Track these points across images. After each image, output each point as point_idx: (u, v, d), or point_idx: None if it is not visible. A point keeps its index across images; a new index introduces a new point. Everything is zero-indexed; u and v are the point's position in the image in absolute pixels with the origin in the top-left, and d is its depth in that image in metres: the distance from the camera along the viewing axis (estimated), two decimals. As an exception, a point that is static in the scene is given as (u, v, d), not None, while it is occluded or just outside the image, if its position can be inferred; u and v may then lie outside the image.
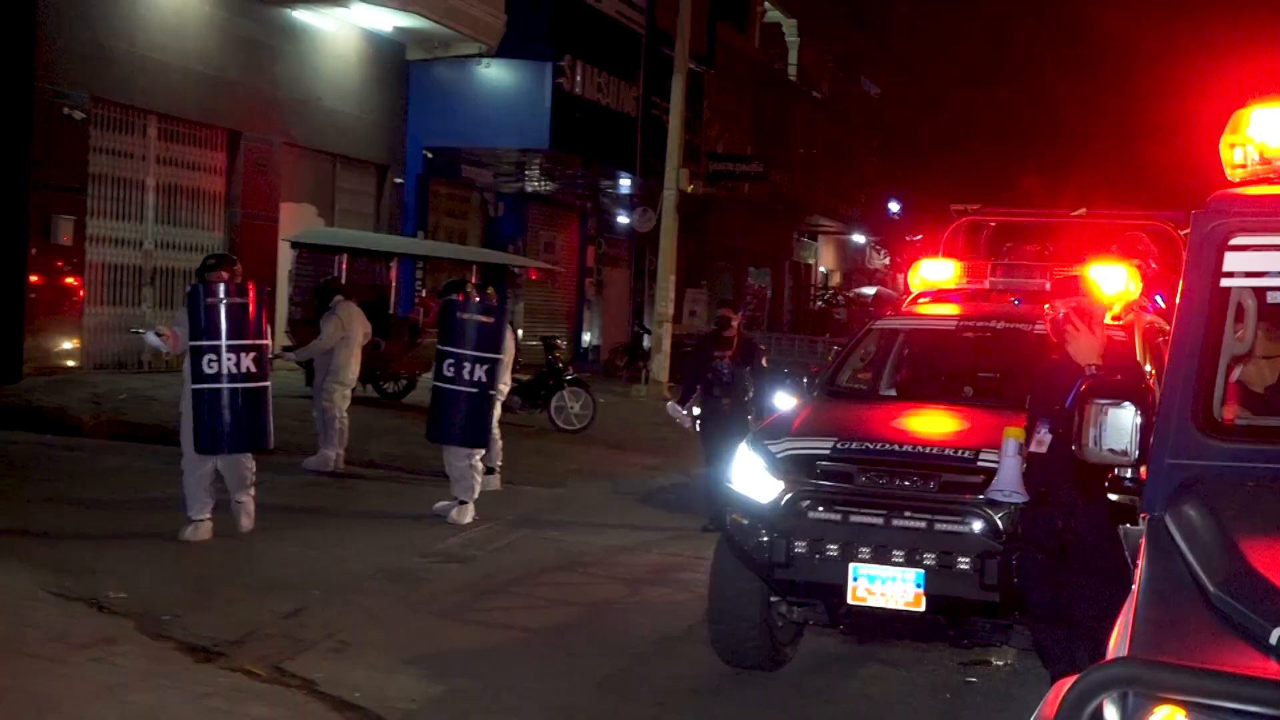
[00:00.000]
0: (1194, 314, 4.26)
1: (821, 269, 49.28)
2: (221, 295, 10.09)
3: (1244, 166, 4.66)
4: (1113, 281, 8.55)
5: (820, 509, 7.23)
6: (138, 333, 11.50)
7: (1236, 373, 4.80)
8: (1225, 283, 4.34)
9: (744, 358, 12.09)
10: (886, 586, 7.04)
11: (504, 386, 12.86)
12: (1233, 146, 4.68)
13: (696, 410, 12.35)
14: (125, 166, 19.04)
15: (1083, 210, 13.05)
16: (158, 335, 10.76)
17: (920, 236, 29.80)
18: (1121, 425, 4.43)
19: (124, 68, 18.38)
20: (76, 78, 17.59)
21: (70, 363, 17.79)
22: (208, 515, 10.14)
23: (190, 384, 10.13)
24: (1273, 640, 3.10)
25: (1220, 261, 4.31)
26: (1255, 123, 4.63)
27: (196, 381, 10.00)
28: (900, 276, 30.48)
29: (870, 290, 41.79)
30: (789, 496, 7.29)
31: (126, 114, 18.88)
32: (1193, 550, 3.60)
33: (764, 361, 12.17)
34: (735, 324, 12.48)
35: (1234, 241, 4.33)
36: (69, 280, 17.81)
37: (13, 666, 6.89)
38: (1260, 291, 4.75)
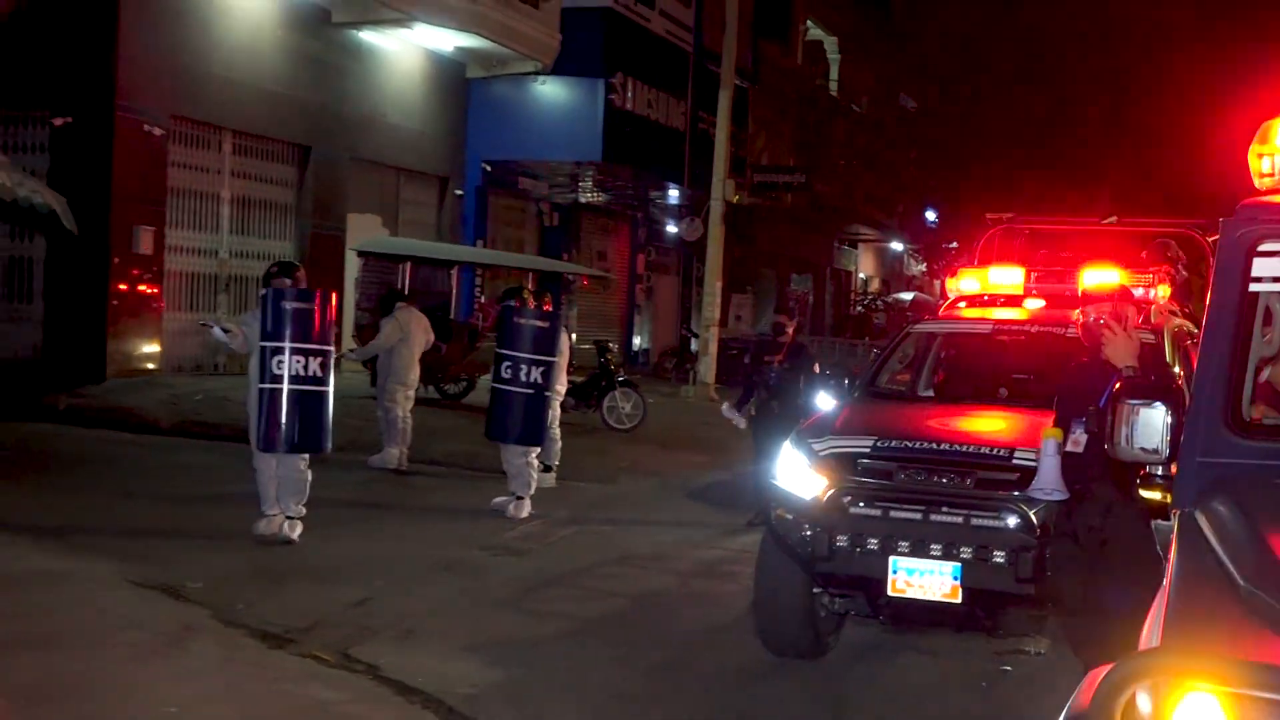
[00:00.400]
0: (1223, 317, 4.22)
1: (861, 275, 49.14)
2: (293, 300, 10.11)
3: (1271, 175, 4.62)
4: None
5: (861, 504, 7.21)
6: (206, 324, 11.54)
7: (1265, 374, 4.76)
8: (1254, 287, 4.29)
9: (792, 362, 12.05)
10: (925, 579, 7.01)
11: (560, 388, 12.87)
12: (1260, 156, 4.64)
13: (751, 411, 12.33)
14: (201, 180, 19.20)
15: (1114, 218, 12.97)
16: (225, 331, 10.84)
17: (956, 244, 29.66)
18: (1153, 425, 4.42)
19: (200, 87, 18.53)
20: (156, 97, 17.75)
21: (150, 365, 17.94)
22: (278, 512, 10.15)
23: (255, 383, 10.13)
24: (1301, 632, 3.07)
25: (1249, 267, 4.26)
26: None
27: (262, 381, 9.98)
28: (937, 283, 30.37)
29: (908, 296, 41.57)
30: (831, 493, 7.27)
31: (203, 131, 19.04)
32: (1223, 545, 3.56)
33: (815, 367, 12.09)
34: (790, 330, 12.47)
35: (1262, 247, 4.29)
36: (149, 288, 17.96)
37: (96, 652, 6.96)
38: (1288, 297, 4.71)
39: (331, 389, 10.26)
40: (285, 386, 9.91)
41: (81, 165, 16.93)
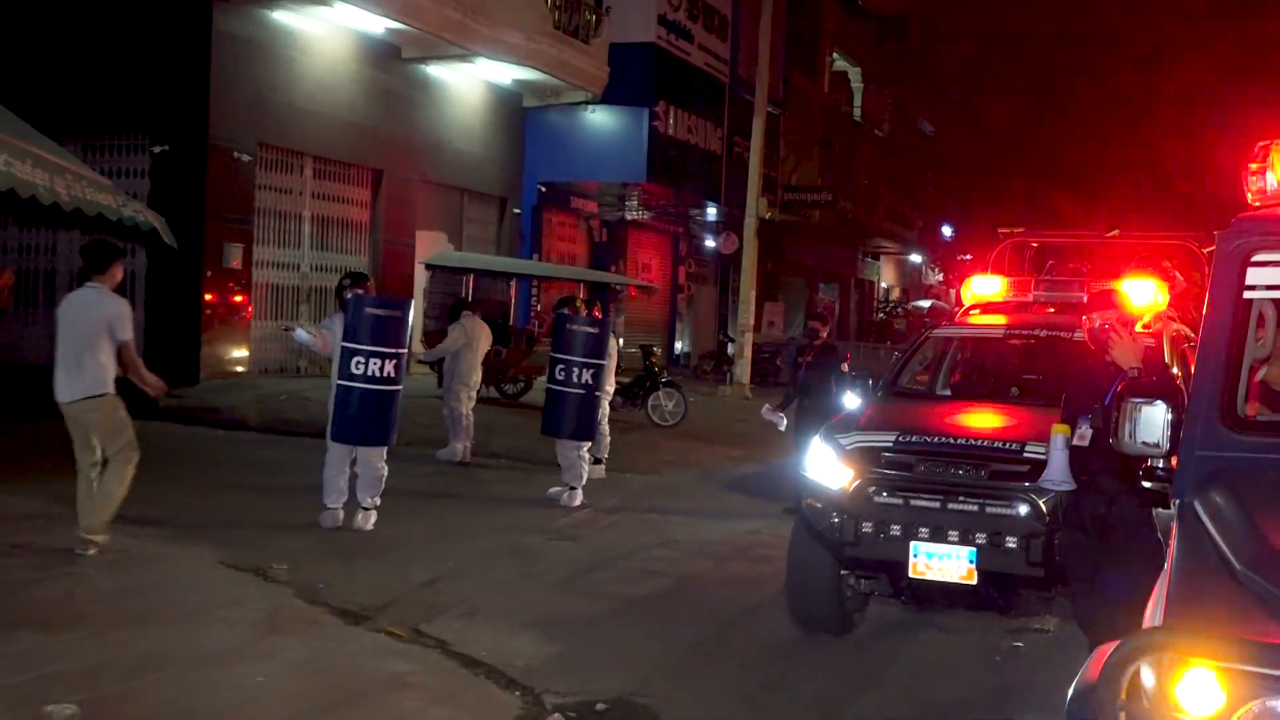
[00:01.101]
0: (1220, 322, 4.19)
1: (883, 285, 48.97)
2: (374, 307, 10.13)
3: (1264, 192, 4.59)
4: (1143, 294, 8.43)
5: (885, 494, 7.19)
6: (288, 328, 11.61)
7: (1260, 373, 4.72)
8: (1248, 294, 4.27)
9: (822, 361, 12.02)
10: (943, 562, 7.00)
11: (608, 388, 12.88)
12: (1253, 174, 4.61)
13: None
14: (285, 201, 19.33)
15: (1116, 231, 12.87)
16: (308, 334, 10.85)
17: (970, 256, 29.49)
18: (1154, 421, 4.40)
19: (284, 117, 18.66)
20: (244, 126, 17.89)
21: (239, 368, 18.08)
22: (340, 504, 10.12)
23: (336, 380, 10.09)
24: (1295, 613, 3.04)
25: (1243, 276, 4.24)
26: (1276, 157, 4.57)
27: (341, 378, 9.98)
28: (953, 291, 30.23)
29: (926, 303, 41.40)
30: (857, 484, 7.25)
31: (286, 156, 19.18)
32: (1220, 532, 3.54)
33: (844, 367, 12.06)
34: (824, 333, 12.46)
35: (1255, 258, 4.26)
36: (238, 298, 18.11)
37: (192, 627, 7.02)
38: (1279, 302, 4.68)
39: (401, 389, 10.26)
40: (360, 385, 9.91)
41: (178, 188, 17.07)
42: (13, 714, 5.43)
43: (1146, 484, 5.76)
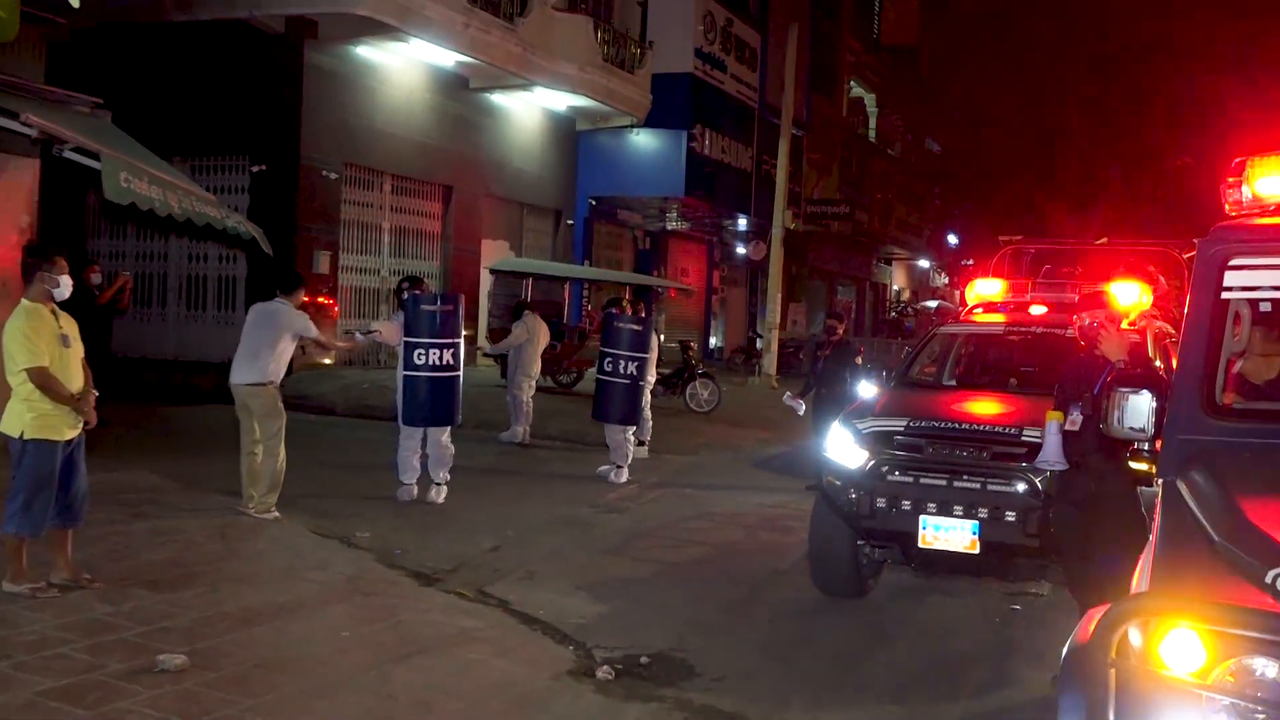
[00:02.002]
0: (1200, 320, 4.15)
1: (894, 287, 48.72)
2: (429, 304, 10.18)
3: (1240, 204, 4.54)
4: (1129, 295, 8.35)
5: (897, 473, 7.16)
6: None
7: (1237, 366, 4.66)
8: (1225, 295, 4.23)
9: (839, 355, 11.98)
10: (949, 534, 6.97)
11: (651, 378, 12.88)
12: (1231, 188, 4.56)
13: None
14: (367, 214, 19.41)
15: (1105, 239, 12.75)
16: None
17: (973, 261, 29.31)
18: (1140, 408, 4.37)
19: (366, 140, 18.75)
20: (331, 148, 17.98)
21: (327, 361, 18.12)
22: (414, 480, 10.17)
23: (402, 371, 10.16)
24: (1268, 579, 3.02)
25: (1221, 279, 4.20)
26: (1251, 171, 4.52)
27: (406, 370, 10.03)
28: (957, 292, 30.02)
29: (933, 304, 41.14)
30: (872, 463, 7.22)
31: (368, 175, 19.27)
32: (1200, 507, 3.51)
33: (858, 360, 12.01)
34: (840, 330, 12.41)
35: (1232, 263, 4.22)
36: (326, 299, 18.18)
37: (289, 586, 7.08)
38: (1254, 302, 4.65)
39: (461, 374, 10.26)
40: (424, 374, 9.97)
41: (274, 202, 17.18)
42: (130, 663, 5.50)
43: (1133, 464, 5.72)
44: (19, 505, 6.35)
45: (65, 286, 6.55)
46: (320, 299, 18.10)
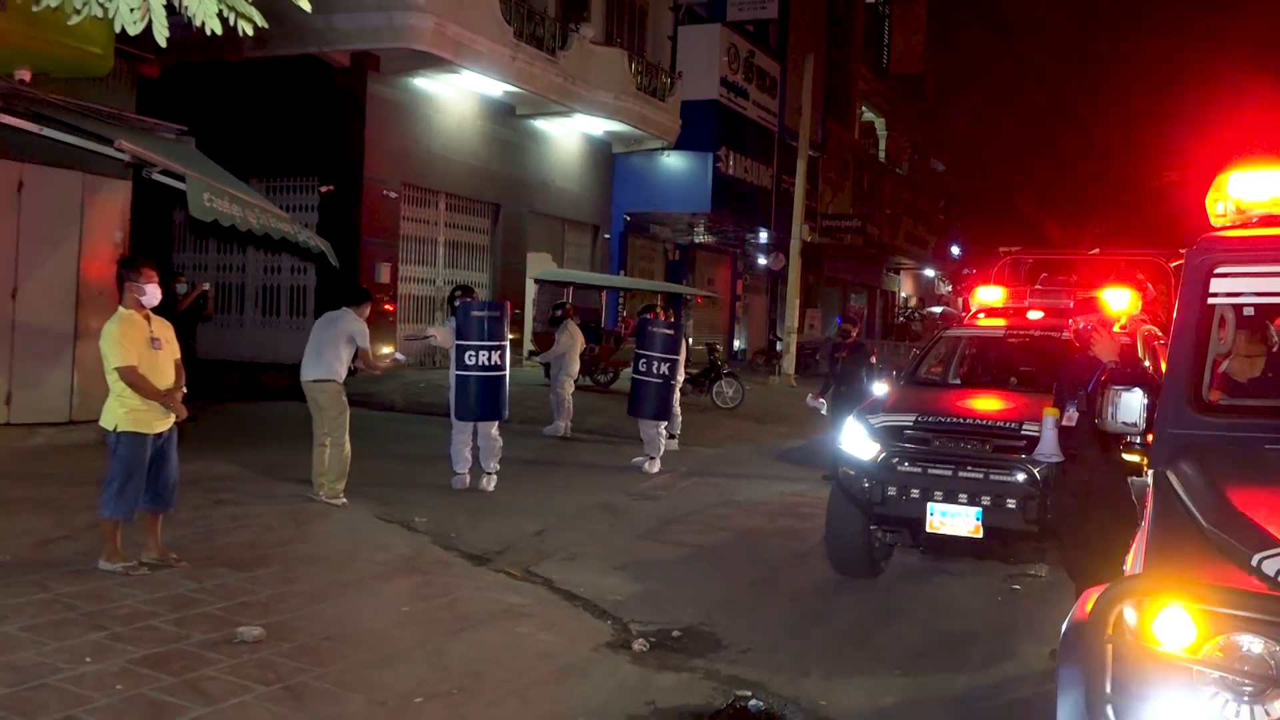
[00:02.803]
0: (1188, 324, 4.10)
1: (903, 294, 48.45)
2: (478, 310, 10.21)
3: (1224, 215, 4.48)
4: (1120, 301, 8.27)
5: (906, 464, 7.11)
6: (425, 336, 11.84)
7: (1223, 366, 4.60)
8: (1211, 300, 4.18)
9: (853, 356, 11.94)
10: (954, 519, 6.92)
11: (680, 377, 12.86)
12: (1216, 201, 4.50)
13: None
14: (424, 229, 19.50)
15: (1096, 250, 12.62)
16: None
17: (974, 270, 29.08)
18: (1133, 405, 4.32)
19: (423, 162, 18.83)
20: (392, 170, 18.07)
21: (387, 361, 18.25)
22: (466, 470, 10.21)
23: (454, 371, 10.21)
24: (1254, 562, 2.98)
25: (1207, 286, 4.15)
26: (1233, 183, 4.45)
27: (458, 369, 10.08)
28: (960, 299, 29.81)
29: (938, 309, 40.87)
30: (884, 455, 7.18)
31: (424, 194, 19.34)
32: (1189, 496, 3.46)
33: (872, 360, 11.98)
34: (854, 333, 12.38)
35: (1218, 271, 4.17)
36: (388, 306, 18.28)
37: (354, 567, 7.12)
38: (1238, 308, 4.58)
39: (508, 374, 10.27)
40: (474, 373, 10.00)
41: (340, 219, 17.28)
42: (212, 634, 5.54)
43: (1126, 456, 5.66)
44: (113, 491, 6.41)
45: (152, 295, 6.61)
46: (383, 306, 18.23)
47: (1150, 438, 4.17)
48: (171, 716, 4.52)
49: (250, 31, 3.83)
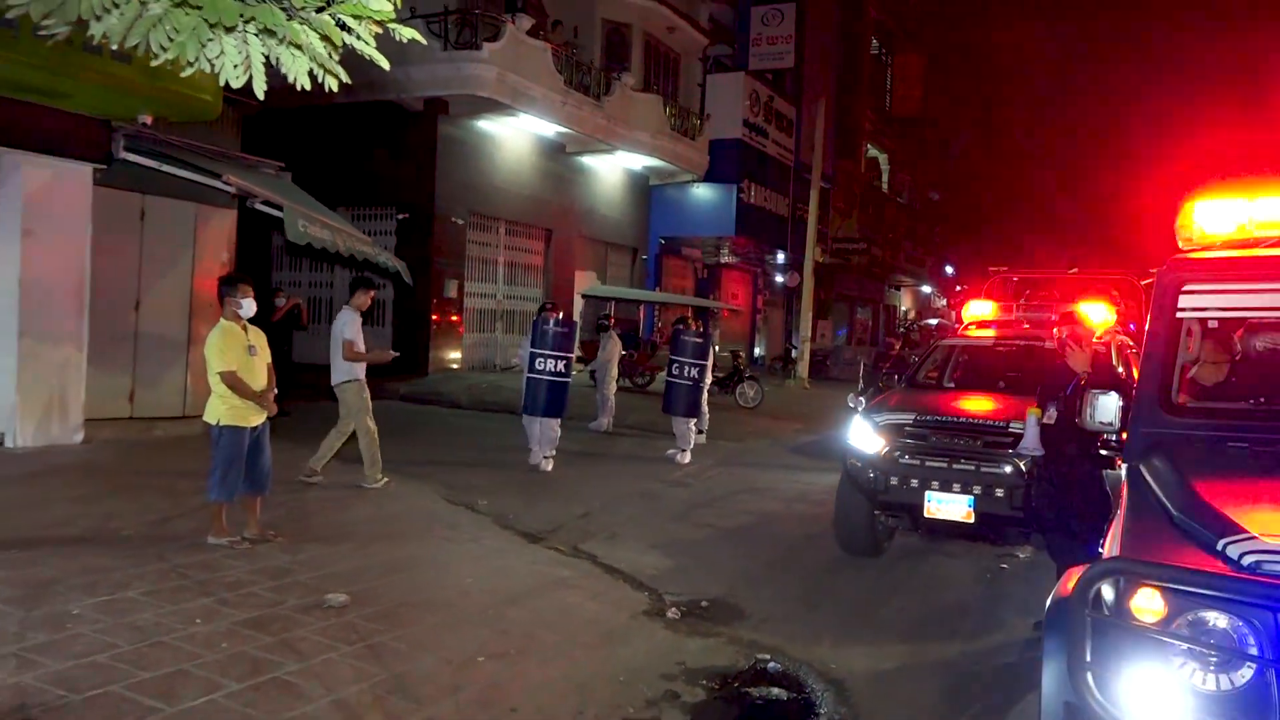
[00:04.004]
0: (1159, 335, 4.04)
1: (902, 308, 48.01)
2: (549, 325, 10.55)
3: (1191, 239, 4.41)
4: (1096, 314, 8.15)
5: (907, 457, 7.04)
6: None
7: (1192, 372, 4.52)
8: (1179, 314, 4.11)
9: (897, 370, 11.87)
10: (949, 506, 6.85)
11: (708, 380, 12.82)
12: (1183, 225, 4.42)
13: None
14: (486, 251, 19.59)
15: (1075, 269, 12.43)
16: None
17: (966, 287, 28.79)
18: (1109, 406, 4.27)
19: (486, 193, 18.93)
20: (459, 200, 18.18)
21: (454, 365, 18.40)
22: (537, 449, 10.58)
23: (526, 374, 10.57)
24: (1219, 547, 2.92)
25: (1175, 302, 4.08)
26: (1197, 211, 4.38)
27: (530, 373, 10.44)
28: (954, 312, 29.57)
29: (934, 321, 40.47)
30: (887, 449, 7.12)
31: (487, 221, 19.44)
32: (1160, 487, 3.40)
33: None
34: (896, 347, 12.31)
35: (1185, 288, 4.10)
36: (454, 318, 18.42)
37: (426, 544, 7.14)
38: (1203, 321, 4.49)
39: (571, 380, 10.66)
40: (543, 377, 10.39)
41: (414, 242, 17.42)
42: (304, 600, 5.58)
43: (1103, 452, 5.58)
44: (217, 477, 6.48)
45: (249, 308, 6.67)
46: (450, 318, 18.34)
47: (1124, 435, 4.10)
48: (269, 671, 4.55)
49: (336, 88, 3.86)
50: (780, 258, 29.67)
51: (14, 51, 7.91)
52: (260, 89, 3.73)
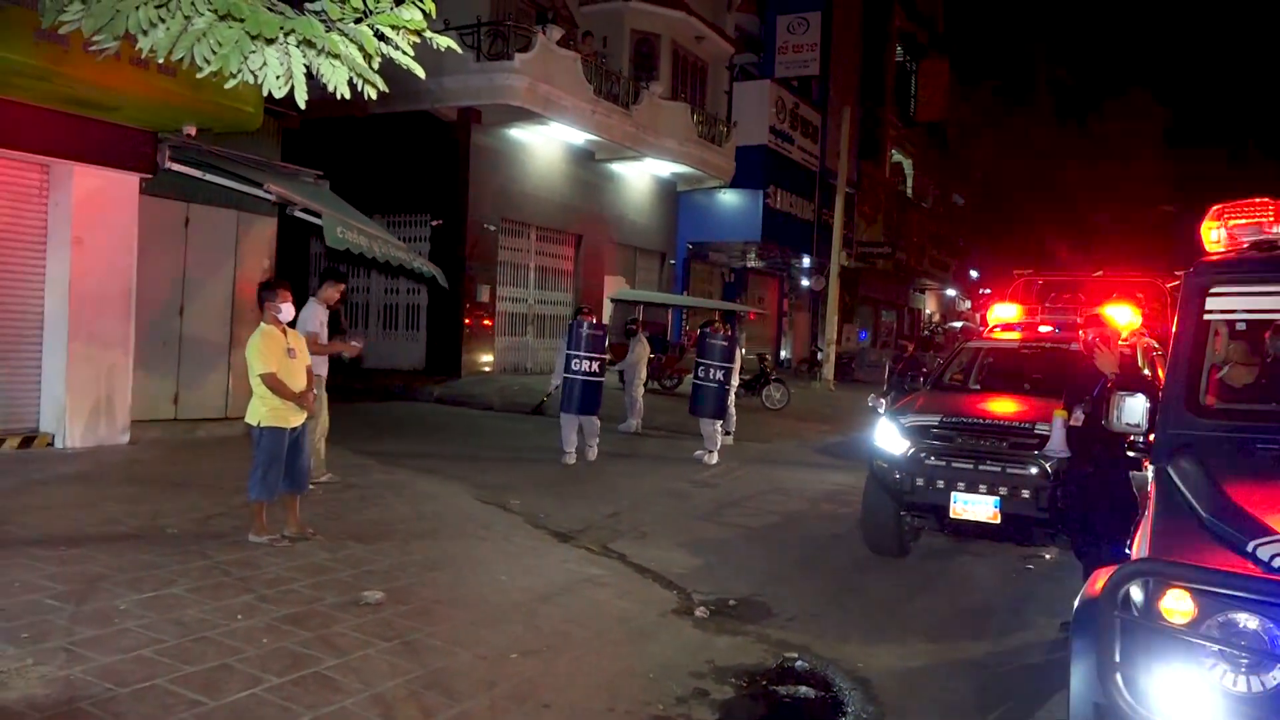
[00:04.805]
0: (1186, 337, 3.97)
1: (927, 311, 47.65)
2: (584, 328, 10.83)
3: (1218, 243, 4.34)
4: (1122, 317, 8.04)
5: (933, 458, 6.98)
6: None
7: (1220, 374, 4.45)
8: (1206, 317, 4.05)
9: (908, 367, 11.84)
10: (975, 507, 6.78)
11: (735, 382, 12.78)
12: (1210, 230, 4.36)
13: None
14: (518, 257, 19.64)
15: (1101, 271, 12.27)
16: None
17: (990, 290, 28.54)
18: (1136, 408, 4.20)
19: (517, 200, 18.98)
20: (491, 207, 18.24)
21: (487, 368, 18.45)
22: (573, 450, 10.78)
23: (562, 374, 10.92)
24: (1249, 548, 2.87)
25: (1204, 304, 4.02)
26: (1221, 218, 4.32)
27: (566, 373, 10.79)
28: (978, 315, 29.28)
29: (959, 324, 40.17)
30: (913, 450, 7.06)
31: (518, 227, 19.49)
32: (1189, 489, 3.34)
33: (924, 370, 11.88)
34: (910, 349, 12.28)
35: (1212, 291, 4.03)
36: (487, 322, 18.47)
37: (460, 542, 7.16)
38: (1231, 323, 4.43)
39: (604, 380, 10.98)
40: (579, 377, 10.75)
41: (448, 248, 17.49)
42: (342, 597, 5.61)
43: (1130, 454, 5.50)
44: (258, 477, 6.52)
45: (287, 312, 6.71)
46: (483, 322, 18.42)
47: (1152, 437, 4.04)
48: (308, 666, 4.58)
49: (374, 96, 3.89)
50: (806, 262, 29.55)
51: (67, 66, 8.03)
52: (302, 98, 3.77)
